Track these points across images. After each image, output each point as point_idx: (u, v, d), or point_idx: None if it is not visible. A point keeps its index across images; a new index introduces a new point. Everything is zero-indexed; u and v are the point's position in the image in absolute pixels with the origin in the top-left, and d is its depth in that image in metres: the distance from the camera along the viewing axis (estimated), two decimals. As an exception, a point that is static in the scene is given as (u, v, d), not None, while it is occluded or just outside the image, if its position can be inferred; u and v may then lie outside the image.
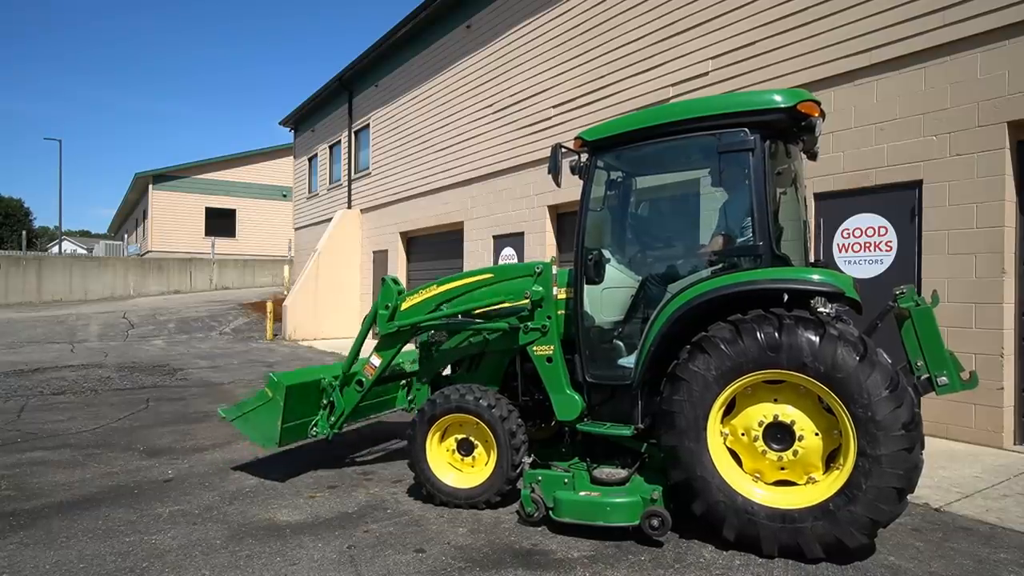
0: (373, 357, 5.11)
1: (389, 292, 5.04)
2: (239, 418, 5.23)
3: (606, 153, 4.45)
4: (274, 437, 4.96)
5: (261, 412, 5.07)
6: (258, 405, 5.10)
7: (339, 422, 5.24)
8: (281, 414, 4.90)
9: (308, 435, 5.24)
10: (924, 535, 3.99)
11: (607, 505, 3.84)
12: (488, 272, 4.89)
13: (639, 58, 9.50)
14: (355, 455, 5.99)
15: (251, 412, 5.15)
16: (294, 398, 4.99)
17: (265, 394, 5.06)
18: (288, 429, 5.02)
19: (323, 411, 5.23)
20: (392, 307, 5.02)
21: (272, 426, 4.95)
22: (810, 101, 3.86)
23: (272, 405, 4.98)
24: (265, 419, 5.01)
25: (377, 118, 17.63)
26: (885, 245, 6.79)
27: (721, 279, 3.82)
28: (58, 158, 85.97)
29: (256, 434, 5.13)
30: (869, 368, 3.38)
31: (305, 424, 5.18)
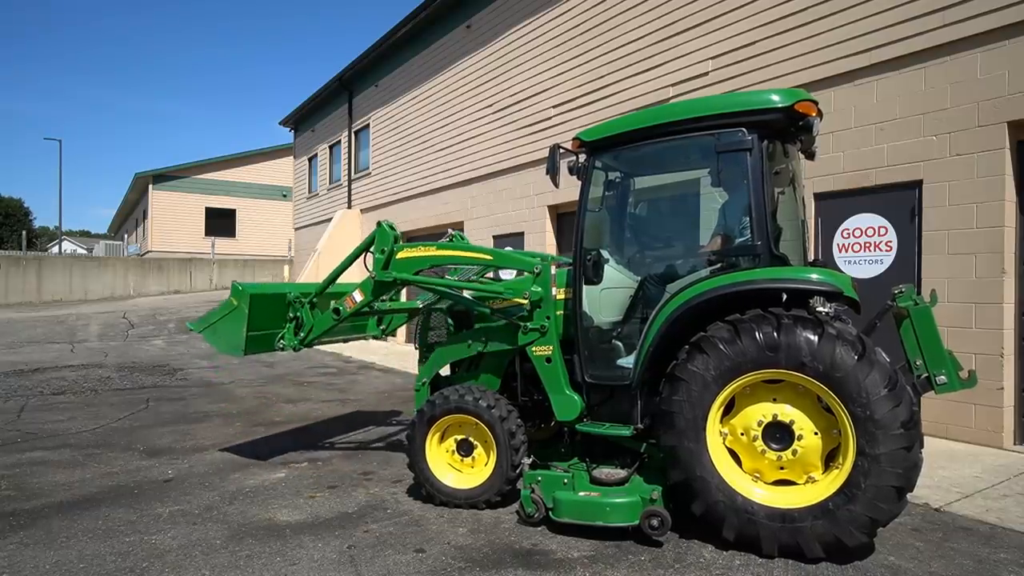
0: (356, 292, 5.08)
1: (385, 236, 4.93)
2: (207, 329, 5.32)
3: (604, 153, 4.45)
4: (240, 345, 5.05)
5: (227, 321, 5.16)
6: (224, 315, 5.18)
7: (307, 339, 5.30)
8: (246, 322, 4.99)
9: (275, 347, 5.31)
10: (924, 535, 3.99)
11: (607, 505, 3.84)
12: (488, 253, 4.87)
13: (639, 58, 9.50)
14: (355, 455, 5.99)
15: (218, 322, 5.25)
16: (259, 307, 5.06)
17: (231, 303, 5.13)
18: (254, 338, 5.10)
19: (290, 324, 5.30)
20: (388, 252, 4.92)
21: (238, 334, 5.05)
22: (808, 101, 3.86)
23: (237, 314, 5.07)
24: (231, 328, 5.11)
25: (377, 118, 17.64)
26: (885, 245, 6.79)
27: (720, 279, 3.82)
28: (58, 158, 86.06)
29: (223, 343, 5.24)
30: (868, 367, 3.39)
31: (271, 336, 5.25)
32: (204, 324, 5.37)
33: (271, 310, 5.23)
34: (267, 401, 8.79)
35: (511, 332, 4.63)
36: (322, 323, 5.26)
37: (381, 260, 4.94)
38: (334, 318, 5.15)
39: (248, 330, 5.02)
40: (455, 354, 5.06)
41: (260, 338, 5.20)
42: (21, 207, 54.59)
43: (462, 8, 13.66)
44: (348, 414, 7.97)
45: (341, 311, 5.12)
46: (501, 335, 4.72)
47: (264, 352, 5.43)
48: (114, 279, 28.44)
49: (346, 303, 5.11)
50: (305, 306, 5.30)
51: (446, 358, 5.13)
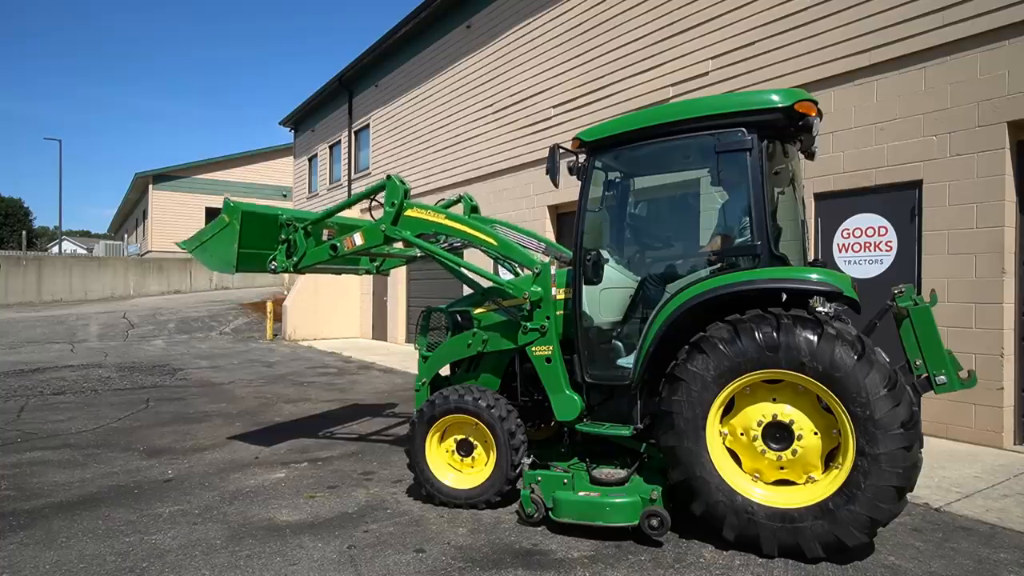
0: (357, 236, 5.10)
1: (396, 190, 4.91)
2: (198, 248, 5.34)
3: (604, 154, 4.45)
4: (231, 261, 5.07)
5: (219, 239, 5.18)
6: (216, 232, 5.21)
7: (299, 264, 5.33)
8: (238, 238, 5.00)
9: (267, 268, 5.33)
10: (924, 535, 3.99)
11: (606, 505, 3.84)
12: (494, 239, 4.79)
13: (639, 58, 9.50)
14: (355, 455, 5.99)
15: (209, 240, 5.28)
16: (251, 225, 5.08)
17: (222, 220, 5.14)
18: (245, 256, 5.12)
19: (281, 247, 5.32)
20: (398, 206, 4.91)
21: (229, 250, 5.07)
22: (807, 101, 3.86)
23: (229, 230, 5.09)
24: (222, 245, 5.14)
25: (377, 118, 17.64)
26: (885, 245, 6.79)
27: (719, 279, 3.82)
28: (58, 158, 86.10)
29: (214, 261, 5.27)
30: (867, 367, 3.39)
31: (263, 256, 5.27)
32: (195, 243, 5.37)
33: (263, 230, 5.24)
34: (267, 401, 8.79)
35: (511, 332, 4.63)
36: (316, 255, 5.29)
37: (391, 214, 4.93)
38: (331, 254, 5.19)
39: (239, 247, 5.03)
40: (455, 354, 5.06)
41: (251, 256, 5.20)
42: (21, 207, 54.60)
43: (462, 8, 13.66)
44: (348, 414, 7.98)
45: (339, 249, 5.15)
46: (501, 335, 4.73)
47: (255, 271, 5.44)
48: (114, 279, 28.44)
49: (345, 243, 5.13)
50: (299, 231, 5.32)
51: (446, 358, 5.13)
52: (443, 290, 14.53)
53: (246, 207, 5.19)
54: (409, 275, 16.69)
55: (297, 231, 5.33)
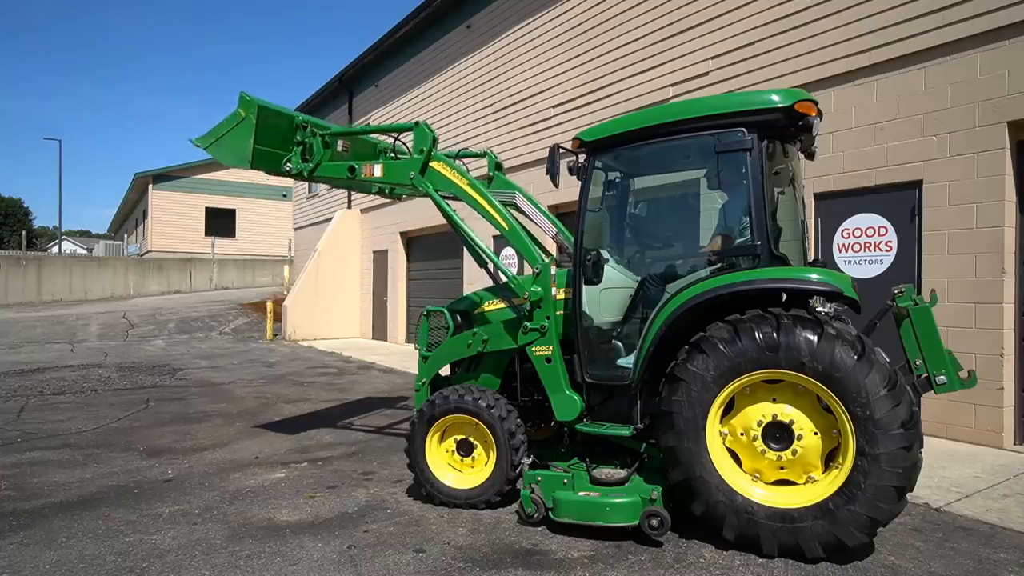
0: (377, 167, 5.14)
1: (424, 137, 4.91)
2: (213, 144, 5.30)
3: (604, 154, 4.45)
4: (247, 156, 5.05)
5: (234, 134, 5.16)
6: (231, 127, 5.18)
7: (314, 171, 5.34)
8: (254, 133, 5.00)
9: (282, 168, 5.34)
10: (924, 535, 3.99)
11: (606, 505, 3.84)
12: (506, 224, 4.68)
13: (639, 58, 9.50)
14: (355, 455, 5.99)
15: (224, 136, 5.23)
16: (266, 122, 5.09)
17: (238, 115, 5.12)
18: (261, 152, 5.12)
19: (296, 149, 5.34)
20: (426, 154, 4.91)
21: (245, 145, 5.05)
22: (807, 101, 3.86)
23: (245, 125, 5.07)
24: (238, 140, 5.11)
25: (377, 118, 17.63)
26: (885, 245, 6.79)
27: (719, 279, 3.82)
28: (58, 158, 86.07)
29: (230, 156, 5.23)
30: (867, 367, 3.39)
31: (278, 156, 5.28)
32: (211, 139, 5.32)
33: (278, 130, 5.24)
34: (267, 401, 8.79)
35: (511, 332, 4.64)
36: (333, 169, 5.33)
37: (419, 161, 4.94)
38: (348, 175, 5.24)
39: (255, 143, 5.02)
40: (455, 354, 5.06)
41: (267, 155, 5.20)
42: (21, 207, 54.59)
43: (462, 8, 13.66)
44: (348, 414, 7.97)
45: (356, 172, 5.20)
46: (501, 335, 4.73)
47: (271, 171, 5.40)
48: (114, 279, 28.44)
49: (364, 169, 5.19)
50: (317, 137, 5.34)
51: (446, 358, 5.13)
52: (443, 290, 14.54)
53: (262, 101, 5.17)
54: (409, 275, 16.70)
55: (315, 137, 5.35)
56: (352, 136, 5.84)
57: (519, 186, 5.89)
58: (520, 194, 5.67)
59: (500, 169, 5.95)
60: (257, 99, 5.16)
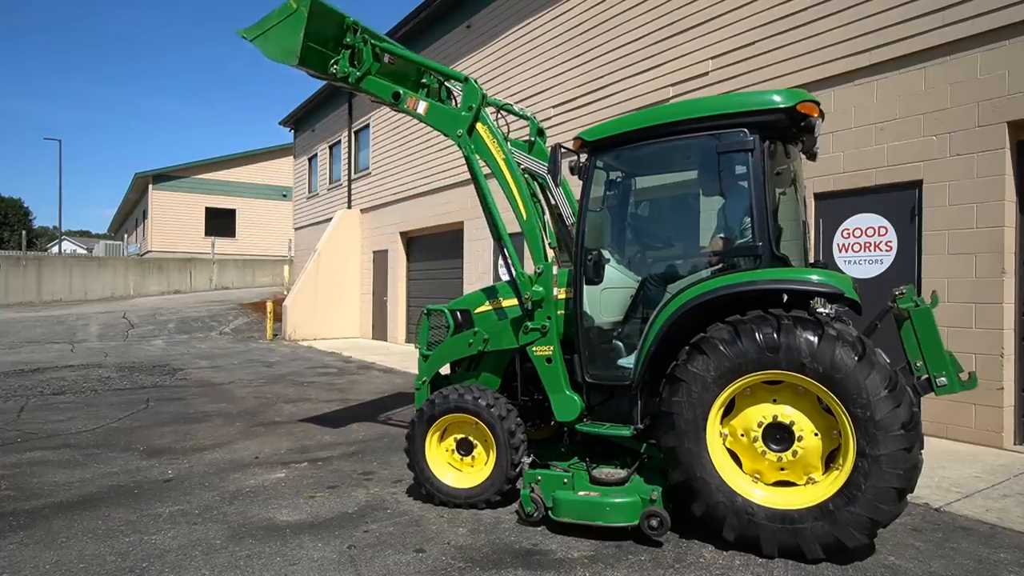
0: (422, 105, 5.08)
1: (473, 93, 4.86)
2: (259, 36, 5.14)
3: (605, 153, 4.45)
4: (295, 51, 4.88)
5: (284, 26, 4.98)
6: (281, 19, 5.00)
7: (361, 79, 5.22)
8: (304, 26, 4.83)
9: (329, 70, 5.18)
10: (924, 535, 3.99)
11: (606, 505, 3.84)
12: (527, 214, 4.68)
13: (639, 58, 9.50)
14: (355, 455, 5.99)
15: (273, 28, 5.06)
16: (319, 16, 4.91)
17: (288, 6, 4.95)
18: (310, 49, 4.95)
19: (345, 52, 5.21)
20: (475, 111, 4.84)
21: (295, 39, 4.87)
22: (809, 101, 3.86)
23: (296, 17, 4.89)
24: (287, 33, 4.94)
25: (377, 118, 17.63)
26: (885, 245, 6.79)
27: (720, 279, 3.82)
28: (58, 158, 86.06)
29: (277, 50, 5.05)
30: (868, 368, 3.39)
31: (326, 56, 5.12)
32: (258, 31, 5.15)
33: (328, 28, 5.07)
34: (267, 401, 8.79)
35: (511, 331, 4.63)
36: (380, 88, 5.21)
37: (468, 118, 4.85)
38: (392, 100, 5.14)
39: (306, 38, 4.86)
40: (455, 353, 5.06)
41: (316, 52, 5.03)
42: (21, 207, 54.60)
43: (462, 8, 13.66)
44: (348, 414, 7.97)
45: (401, 100, 5.11)
46: (501, 334, 4.73)
47: (316, 72, 5.23)
48: (114, 279, 28.44)
49: (409, 101, 5.11)
50: (369, 45, 5.22)
51: (446, 357, 5.13)
52: (443, 290, 14.54)
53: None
54: (409, 275, 16.70)
55: (367, 44, 5.22)
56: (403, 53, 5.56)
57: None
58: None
59: (542, 135, 5.78)
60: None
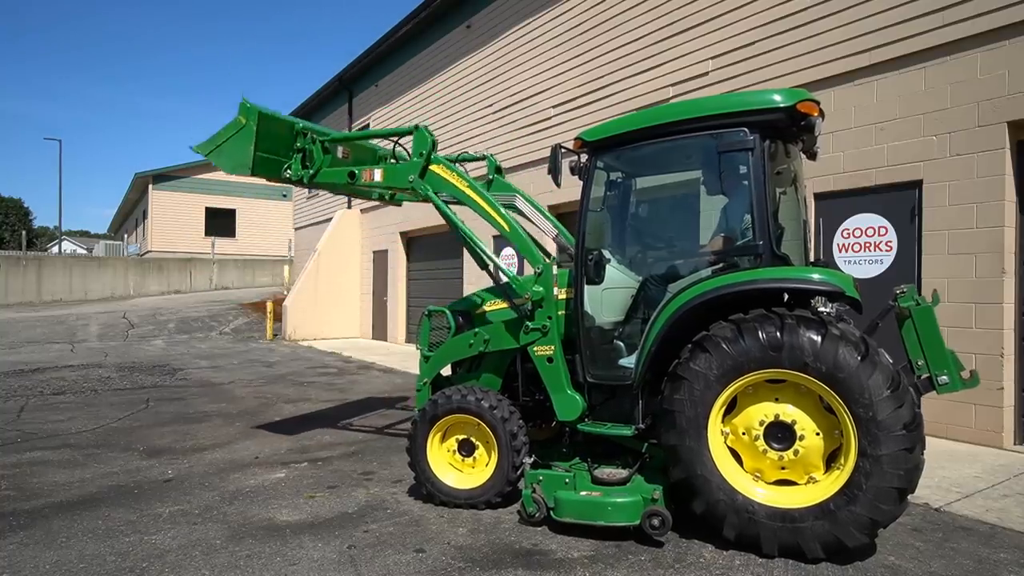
0: (378, 172, 5.14)
1: (424, 140, 4.90)
2: (213, 151, 5.33)
3: (606, 153, 4.45)
4: (247, 163, 5.07)
5: (235, 141, 5.18)
6: (231, 135, 5.20)
7: (314, 178, 5.36)
8: (254, 139, 5.01)
9: (282, 175, 5.35)
10: (924, 535, 3.99)
11: (608, 505, 3.84)
12: (506, 224, 4.68)
13: (639, 58, 9.50)
14: (355, 455, 5.99)
15: (225, 143, 5.26)
16: (267, 128, 5.10)
17: (238, 122, 5.14)
18: (262, 160, 5.14)
19: (296, 156, 5.36)
20: (426, 158, 4.90)
21: (245, 152, 5.08)
22: (809, 101, 3.86)
23: (246, 132, 5.09)
24: (239, 147, 5.14)
25: (377, 118, 17.63)
26: (885, 245, 6.79)
27: (721, 279, 3.82)
28: (58, 158, 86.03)
29: (230, 163, 5.26)
30: (870, 368, 3.38)
31: (278, 163, 5.31)
32: (211, 146, 5.36)
33: (278, 136, 5.26)
34: (267, 401, 8.78)
35: (512, 332, 4.63)
36: (333, 175, 5.35)
37: (419, 164, 4.93)
38: (348, 180, 5.24)
39: (256, 150, 5.05)
40: (456, 354, 5.06)
41: (267, 161, 5.23)
42: (21, 207, 54.55)
43: (462, 8, 13.65)
44: (348, 414, 7.97)
45: (356, 178, 5.19)
46: (502, 335, 4.72)
47: (271, 178, 5.43)
48: (114, 279, 28.43)
49: (364, 175, 5.19)
50: (317, 144, 5.36)
51: (447, 358, 5.13)
52: (443, 290, 14.54)
53: (262, 108, 5.19)
54: (409, 275, 16.69)
55: (315, 143, 5.36)
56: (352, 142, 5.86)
57: (519, 188, 5.87)
58: (520, 196, 5.67)
59: (500, 172, 5.94)
60: (257, 106, 5.18)
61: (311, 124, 5.62)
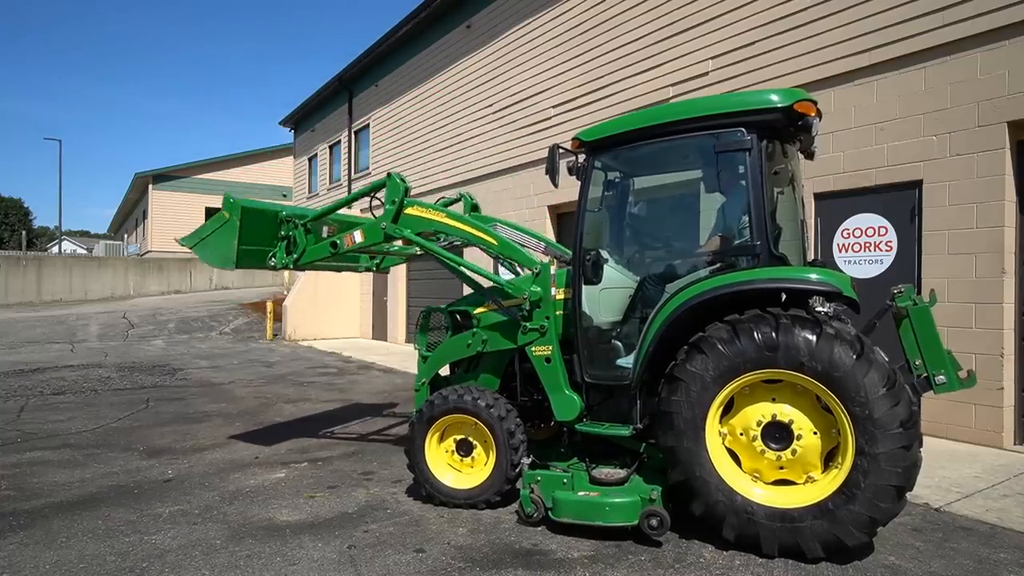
0: (357, 233, 5.10)
1: (396, 188, 4.91)
2: (198, 244, 5.39)
3: (603, 154, 4.45)
4: (231, 257, 5.11)
5: (219, 235, 5.22)
6: (215, 228, 5.25)
7: (299, 261, 5.37)
8: (238, 234, 5.05)
9: (267, 264, 5.38)
10: (924, 535, 3.99)
11: (606, 505, 3.84)
12: (494, 238, 4.77)
13: (639, 58, 9.50)
14: (355, 455, 5.99)
15: (209, 236, 5.31)
16: (251, 221, 5.13)
17: (222, 216, 5.18)
18: (246, 252, 5.17)
19: (281, 243, 5.37)
20: (398, 204, 4.90)
21: (229, 247, 5.11)
22: (807, 101, 3.86)
23: (229, 227, 5.13)
24: (222, 241, 5.18)
25: (377, 118, 17.64)
26: (885, 245, 6.79)
27: (719, 279, 3.82)
28: (58, 158, 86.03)
29: (215, 257, 5.30)
30: (866, 366, 3.39)
31: (263, 253, 5.33)
32: (195, 239, 5.42)
33: (262, 226, 5.28)
34: (267, 401, 8.79)
35: (510, 332, 4.63)
36: (316, 252, 5.32)
37: (392, 212, 4.92)
38: (331, 251, 5.21)
39: (240, 243, 5.08)
40: (454, 354, 5.06)
41: (252, 253, 5.26)
42: (21, 207, 54.61)
43: (462, 8, 13.66)
44: (348, 414, 7.98)
45: (339, 246, 5.16)
46: (500, 335, 4.72)
47: (256, 268, 5.48)
48: (114, 279, 28.46)
49: (345, 240, 5.14)
50: (299, 228, 5.36)
51: (445, 358, 5.13)
52: (443, 290, 14.53)
53: (246, 203, 5.23)
54: (409, 275, 16.69)
55: (297, 228, 5.37)
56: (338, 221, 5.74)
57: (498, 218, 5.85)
58: (500, 223, 5.65)
59: (476, 209, 5.94)
60: (241, 200, 5.22)
61: (295, 209, 5.62)
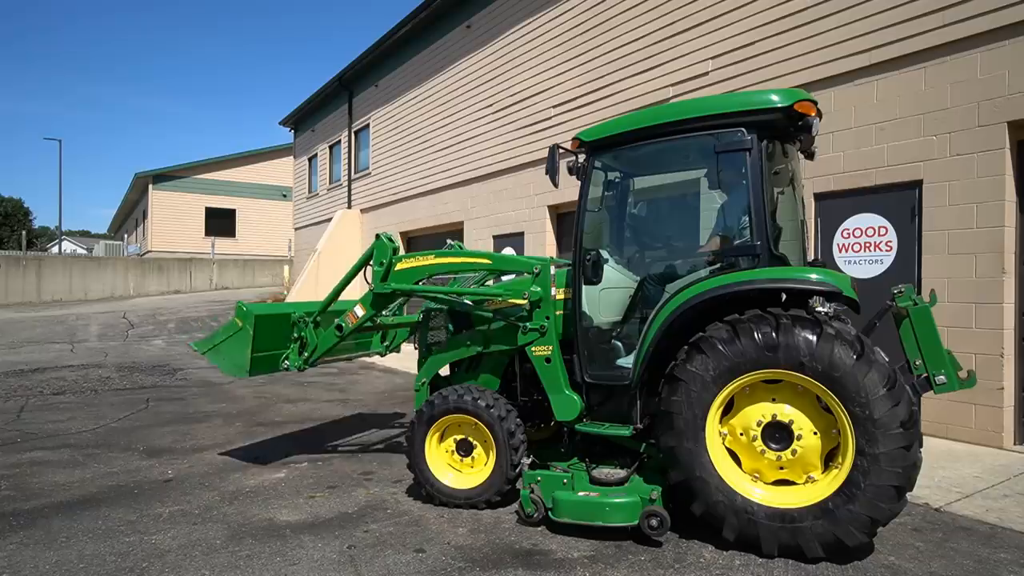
0: (358, 308, 5.09)
1: (384, 249, 4.94)
2: (211, 350, 5.33)
3: (604, 153, 4.45)
4: (244, 366, 5.07)
5: (231, 342, 5.17)
6: (228, 336, 5.20)
7: (312, 358, 5.32)
8: (251, 343, 5.00)
9: (280, 367, 5.34)
10: (924, 535, 3.99)
11: (606, 505, 3.84)
12: (486, 258, 4.89)
13: (639, 58, 9.50)
14: (355, 455, 5.99)
15: (222, 343, 5.26)
16: (264, 328, 5.08)
17: (235, 324, 5.14)
18: (258, 359, 5.13)
19: (294, 345, 5.32)
20: (387, 264, 4.93)
21: (242, 355, 5.07)
22: (807, 101, 3.86)
23: (242, 335, 5.08)
24: (236, 349, 5.13)
25: (377, 118, 17.64)
26: (885, 245, 6.79)
27: (719, 279, 3.83)
28: (58, 158, 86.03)
29: (228, 364, 5.25)
30: (866, 366, 3.39)
31: (276, 356, 5.28)
32: (208, 345, 5.38)
33: (276, 331, 5.23)
34: (267, 401, 8.79)
35: (510, 332, 4.63)
36: (326, 341, 5.24)
37: (380, 272, 4.94)
38: (337, 335, 5.15)
39: (253, 351, 5.04)
40: (454, 355, 5.06)
41: (265, 359, 5.21)
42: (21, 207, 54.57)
43: (462, 8, 13.66)
44: (348, 414, 7.98)
45: (344, 327, 5.12)
46: (500, 335, 4.72)
47: (269, 373, 5.41)
48: (114, 279, 28.44)
49: (348, 319, 5.11)
50: (309, 326, 5.30)
51: (446, 359, 5.13)
52: (443, 290, 14.53)
53: (259, 310, 5.15)
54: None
55: (307, 326, 5.30)
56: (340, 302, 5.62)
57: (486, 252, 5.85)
58: None
59: None
60: (255, 308, 5.16)
61: (307, 305, 5.53)
